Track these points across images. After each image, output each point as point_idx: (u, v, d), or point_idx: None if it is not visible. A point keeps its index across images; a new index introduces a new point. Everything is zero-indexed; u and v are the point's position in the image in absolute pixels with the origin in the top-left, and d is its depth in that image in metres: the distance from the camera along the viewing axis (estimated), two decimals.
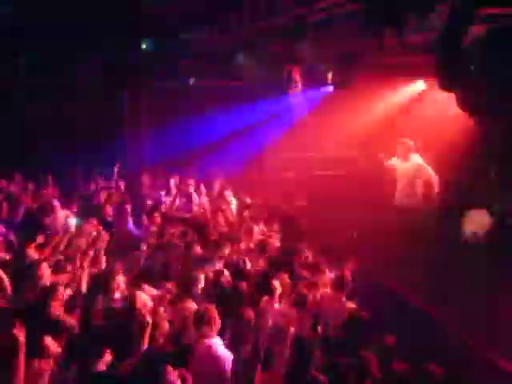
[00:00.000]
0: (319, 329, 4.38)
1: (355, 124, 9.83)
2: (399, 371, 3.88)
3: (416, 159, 7.31)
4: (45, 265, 4.88)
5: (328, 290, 5.14)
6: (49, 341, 3.63)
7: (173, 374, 3.28)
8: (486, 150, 8.32)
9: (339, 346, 4.15)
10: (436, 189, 7.36)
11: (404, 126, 9.32)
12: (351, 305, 4.85)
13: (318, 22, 6.21)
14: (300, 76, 8.26)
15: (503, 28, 3.14)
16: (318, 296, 4.92)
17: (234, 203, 8.36)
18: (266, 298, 4.67)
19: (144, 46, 9.37)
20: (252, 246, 6.20)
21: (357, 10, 5.23)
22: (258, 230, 6.74)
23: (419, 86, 9.42)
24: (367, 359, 3.76)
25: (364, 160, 10.06)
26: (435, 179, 7.38)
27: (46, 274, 4.79)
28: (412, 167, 7.27)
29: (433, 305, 5.66)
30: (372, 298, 5.49)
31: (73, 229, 5.27)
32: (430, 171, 7.37)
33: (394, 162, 7.40)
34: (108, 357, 3.54)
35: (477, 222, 7.94)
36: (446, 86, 3.30)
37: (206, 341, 3.83)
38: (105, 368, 3.49)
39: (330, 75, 8.21)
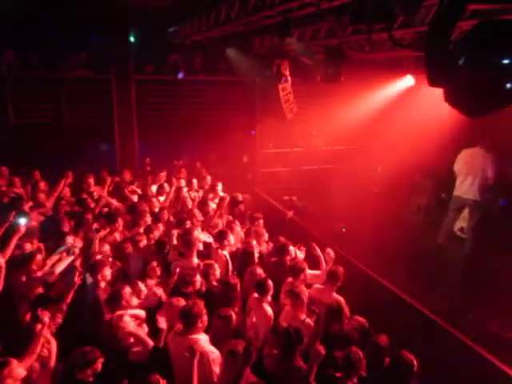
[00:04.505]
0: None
1: (344, 118, 9.84)
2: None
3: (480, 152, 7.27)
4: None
5: (318, 285, 5.15)
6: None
7: None
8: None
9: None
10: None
11: (391, 121, 9.37)
12: (339, 297, 4.85)
13: (307, 17, 6.18)
14: (289, 70, 8.24)
15: (491, 23, 3.15)
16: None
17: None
18: (255, 295, 4.62)
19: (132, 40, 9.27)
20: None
21: (345, 5, 5.21)
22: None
23: (408, 81, 9.46)
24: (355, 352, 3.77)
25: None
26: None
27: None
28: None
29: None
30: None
31: (23, 228, 4.95)
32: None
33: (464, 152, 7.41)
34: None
35: (464, 217, 8.01)
36: (434, 82, 3.28)
37: (191, 337, 3.81)
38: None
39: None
